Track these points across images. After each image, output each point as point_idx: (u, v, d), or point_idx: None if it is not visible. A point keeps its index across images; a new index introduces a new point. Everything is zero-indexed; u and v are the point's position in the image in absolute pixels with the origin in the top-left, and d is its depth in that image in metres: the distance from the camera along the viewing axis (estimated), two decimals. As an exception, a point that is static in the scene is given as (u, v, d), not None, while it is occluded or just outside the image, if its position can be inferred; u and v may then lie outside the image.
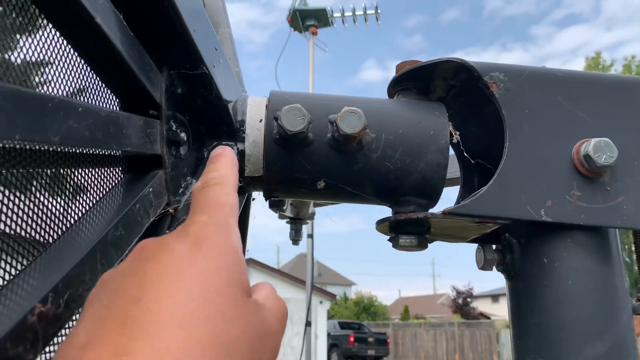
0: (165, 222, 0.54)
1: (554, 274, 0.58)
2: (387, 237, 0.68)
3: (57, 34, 0.42)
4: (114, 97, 0.51)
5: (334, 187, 0.61)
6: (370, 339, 18.95)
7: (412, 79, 0.67)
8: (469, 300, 29.62)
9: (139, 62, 0.48)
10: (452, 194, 0.82)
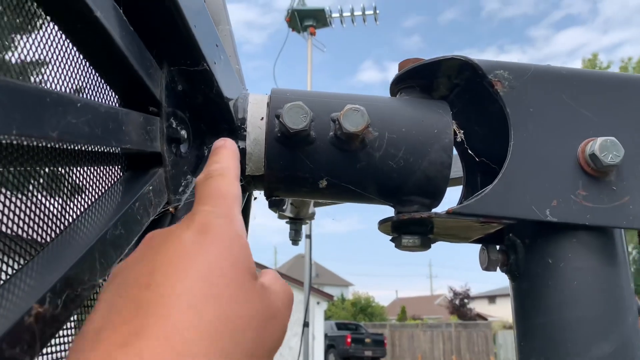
0: (165, 221, 0.53)
1: (559, 274, 0.57)
2: (389, 238, 0.67)
3: (56, 29, 0.41)
4: (113, 93, 0.50)
5: (336, 186, 0.60)
6: (367, 340, 18.96)
7: (415, 77, 0.66)
8: (466, 301, 29.62)
9: (139, 57, 0.47)
10: (452, 194, 0.81)
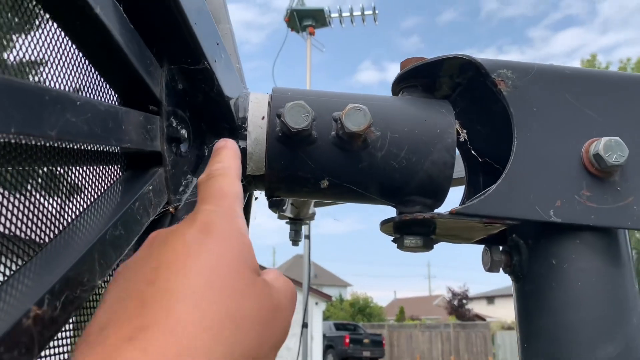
0: (165, 222, 0.52)
1: (563, 275, 0.57)
2: (391, 238, 0.67)
3: (55, 26, 0.41)
4: (112, 93, 0.49)
5: (337, 186, 0.59)
6: (365, 340, 18.94)
7: (417, 76, 0.65)
8: (464, 301, 29.62)
9: (139, 55, 0.46)
10: (454, 195, 0.80)
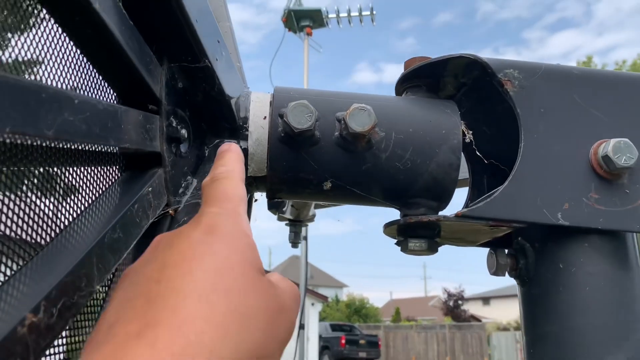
0: (164, 224, 0.51)
1: (570, 279, 0.56)
2: (391, 240, 0.66)
3: (52, 22, 0.39)
4: (111, 90, 0.48)
5: (341, 188, 0.58)
6: (361, 341, 18.93)
7: (421, 76, 0.64)
8: (460, 302, 29.64)
9: (138, 53, 0.45)
10: (455, 196, 0.79)
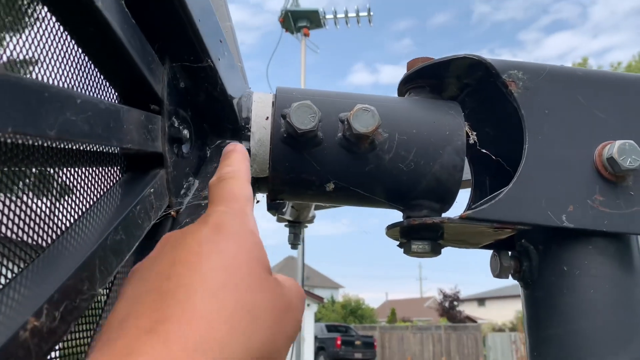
0: (165, 226, 0.50)
1: (575, 282, 0.55)
2: (397, 243, 0.65)
3: (53, 20, 0.39)
4: (112, 90, 0.47)
5: (343, 189, 0.58)
6: (357, 342, 18.92)
7: (424, 77, 0.64)
8: (455, 303, 29.66)
9: (140, 52, 0.44)
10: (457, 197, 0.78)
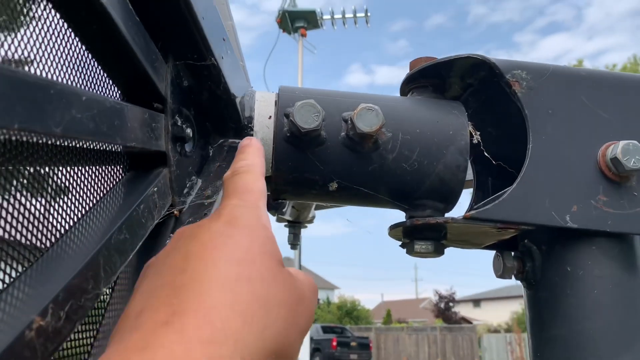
0: (168, 226, 0.50)
1: (578, 282, 0.55)
2: (399, 243, 0.65)
3: (57, 17, 0.38)
4: (115, 88, 0.47)
5: (346, 189, 0.57)
6: (352, 343, 18.89)
7: (427, 76, 0.64)
8: (451, 304, 29.69)
9: (144, 50, 0.44)
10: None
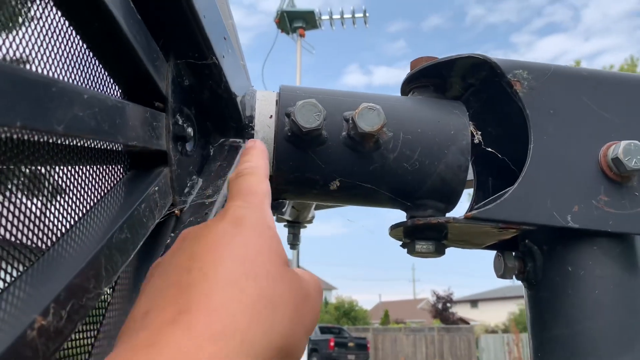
0: (169, 225, 0.49)
1: (579, 282, 0.55)
2: (400, 243, 0.65)
3: (58, 14, 0.38)
4: (116, 86, 0.46)
5: (348, 188, 0.57)
6: (350, 344, 18.89)
7: (428, 76, 0.63)
8: (448, 305, 29.71)
9: (146, 48, 0.44)
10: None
